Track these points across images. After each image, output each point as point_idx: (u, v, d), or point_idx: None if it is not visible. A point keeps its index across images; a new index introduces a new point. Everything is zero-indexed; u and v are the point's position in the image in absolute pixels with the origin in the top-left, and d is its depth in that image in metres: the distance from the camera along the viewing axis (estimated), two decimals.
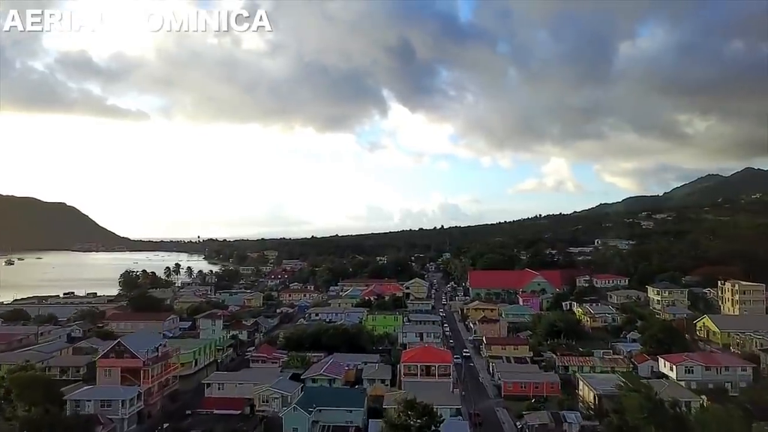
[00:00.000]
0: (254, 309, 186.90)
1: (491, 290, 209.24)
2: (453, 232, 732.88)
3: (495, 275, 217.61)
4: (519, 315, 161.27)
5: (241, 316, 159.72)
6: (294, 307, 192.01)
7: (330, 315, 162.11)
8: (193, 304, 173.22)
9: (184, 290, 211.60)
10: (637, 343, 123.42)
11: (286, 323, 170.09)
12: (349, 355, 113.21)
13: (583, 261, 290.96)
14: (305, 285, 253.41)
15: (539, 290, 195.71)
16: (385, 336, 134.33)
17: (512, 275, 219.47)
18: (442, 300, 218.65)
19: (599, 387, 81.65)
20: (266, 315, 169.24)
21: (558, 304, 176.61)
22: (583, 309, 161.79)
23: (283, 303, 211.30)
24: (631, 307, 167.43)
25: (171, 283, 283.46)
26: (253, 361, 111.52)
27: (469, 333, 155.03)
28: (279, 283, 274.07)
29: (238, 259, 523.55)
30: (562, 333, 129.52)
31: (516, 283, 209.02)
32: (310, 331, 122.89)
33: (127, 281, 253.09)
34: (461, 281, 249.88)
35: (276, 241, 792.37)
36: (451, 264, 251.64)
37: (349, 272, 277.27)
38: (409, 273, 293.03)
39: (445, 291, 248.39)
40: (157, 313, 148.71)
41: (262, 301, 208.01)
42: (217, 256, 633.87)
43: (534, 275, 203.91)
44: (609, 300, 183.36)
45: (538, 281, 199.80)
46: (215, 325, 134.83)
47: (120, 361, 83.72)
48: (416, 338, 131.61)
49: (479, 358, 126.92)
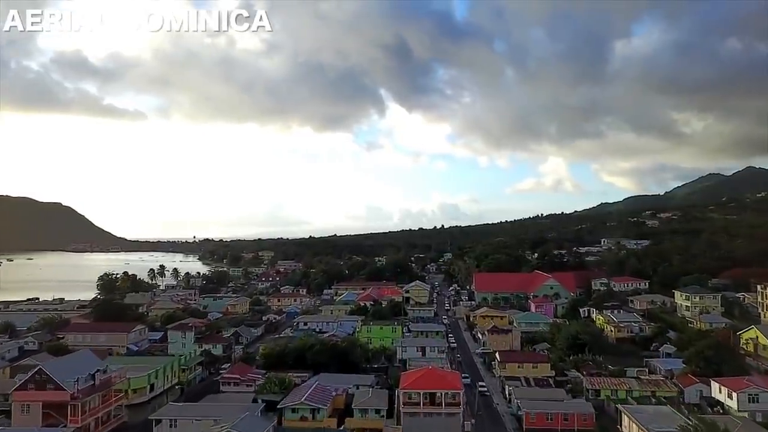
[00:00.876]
0: (238, 316, 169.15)
1: (498, 294, 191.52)
2: (453, 231, 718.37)
3: (502, 278, 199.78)
4: (533, 323, 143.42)
5: (219, 326, 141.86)
6: (282, 314, 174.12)
7: (320, 324, 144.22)
8: (168, 312, 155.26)
9: (163, 295, 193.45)
10: (675, 359, 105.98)
11: (272, 333, 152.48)
12: (338, 375, 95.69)
13: (593, 262, 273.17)
14: (297, 288, 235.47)
15: (552, 295, 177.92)
16: (382, 350, 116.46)
17: (521, 278, 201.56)
18: (445, 305, 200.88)
19: (654, 427, 63.52)
20: (249, 323, 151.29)
21: (574, 310, 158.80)
22: (604, 317, 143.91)
23: (271, 309, 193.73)
24: (657, 314, 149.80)
25: (154, 286, 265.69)
26: (223, 383, 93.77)
27: (477, 344, 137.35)
28: (270, 286, 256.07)
29: (232, 260, 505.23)
30: (586, 347, 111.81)
31: (525, 286, 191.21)
32: (293, 345, 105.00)
33: (105, 284, 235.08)
34: (465, 284, 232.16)
35: (273, 241, 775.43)
36: (455, 266, 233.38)
37: (344, 274, 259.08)
38: (409, 275, 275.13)
39: (448, 294, 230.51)
40: (123, 323, 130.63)
41: (248, 307, 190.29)
42: (211, 256, 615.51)
43: (546, 278, 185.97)
44: (630, 306, 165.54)
45: (550, 284, 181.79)
46: (185, 337, 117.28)
47: (41, 394, 66.08)
48: (417, 353, 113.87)
49: (490, 375, 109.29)
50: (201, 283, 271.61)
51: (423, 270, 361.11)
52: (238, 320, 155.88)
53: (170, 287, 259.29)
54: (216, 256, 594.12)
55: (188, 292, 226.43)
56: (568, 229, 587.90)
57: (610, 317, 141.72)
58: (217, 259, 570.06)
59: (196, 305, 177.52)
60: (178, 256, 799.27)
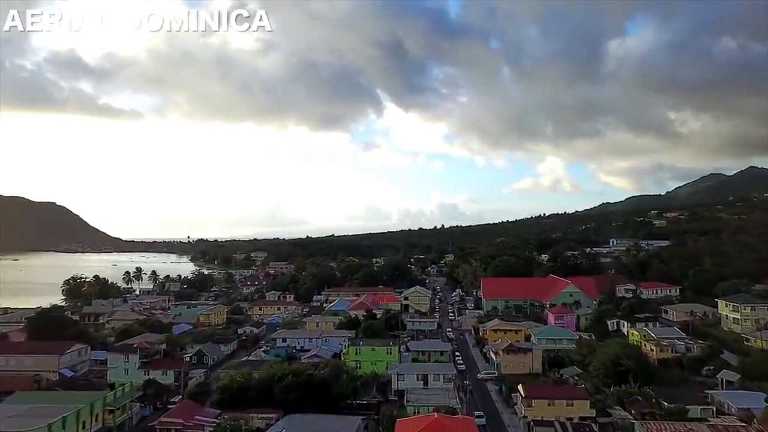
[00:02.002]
0: (210, 328, 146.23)
1: (509, 302, 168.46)
2: (454, 231, 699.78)
3: (513, 283, 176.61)
4: (555, 340, 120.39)
5: (181, 343, 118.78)
6: (261, 326, 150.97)
7: (301, 341, 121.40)
8: (125, 325, 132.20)
9: (128, 302, 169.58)
10: (747, 392, 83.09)
11: (249, 349, 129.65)
12: (313, 417, 72.89)
13: (610, 264, 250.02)
14: (284, 294, 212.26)
15: (572, 303, 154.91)
16: (374, 378, 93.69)
17: (534, 283, 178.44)
18: (449, 314, 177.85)
19: None
20: (219, 338, 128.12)
21: (600, 323, 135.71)
22: (639, 332, 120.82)
23: (251, 318, 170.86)
24: (701, 328, 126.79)
25: (128, 291, 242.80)
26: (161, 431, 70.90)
27: (489, 365, 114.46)
28: (255, 290, 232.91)
29: (223, 261, 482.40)
30: (629, 373, 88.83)
31: (540, 293, 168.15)
32: (259, 375, 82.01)
33: (71, 289, 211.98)
34: (471, 289, 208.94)
35: (268, 241, 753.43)
36: (459, 269, 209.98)
37: (337, 278, 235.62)
38: (408, 278, 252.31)
39: (452, 301, 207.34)
40: (60, 341, 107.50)
41: (225, 317, 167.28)
42: (202, 257, 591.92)
43: (564, 284, 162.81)
44: (665, 317, 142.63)
45: (569, 291, 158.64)
46: (128, 362, 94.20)
47: None
48: (418, 382, 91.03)
49: (510, 412, 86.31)
50: (181, 288, 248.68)
51: (423, 272, 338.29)
52: (206, 335, 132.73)
53: (145, 292, 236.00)
54: (207, 257, 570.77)
55: (161, 298, 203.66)
56: (573, 230, 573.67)
57: (647, 332, 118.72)
58: (208, 260, 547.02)
59: (162, 316, 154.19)
60: (171, 257, 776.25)
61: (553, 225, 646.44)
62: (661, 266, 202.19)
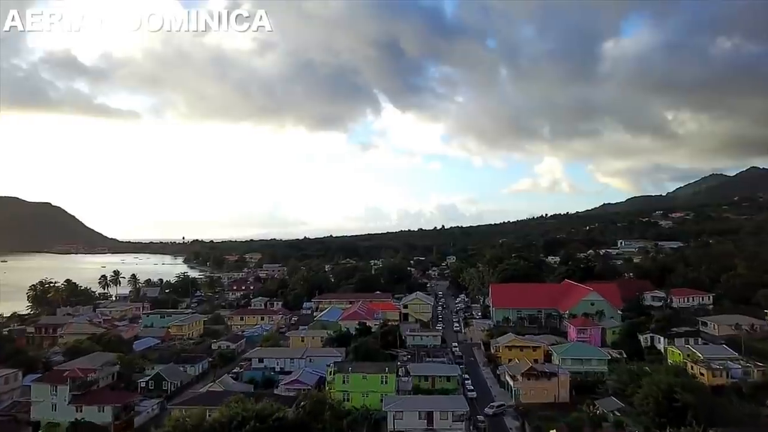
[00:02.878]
0: (180, 343, 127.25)
1: (522, 311, 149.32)
2: (455, 232, 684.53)
3: (525, 290, 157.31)
4: (582, 360, 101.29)
5: (138, 364, 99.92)
6: (240, 340, 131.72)
7: (281, 361, 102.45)
8: (78, 341, 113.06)
9: (81, 315, 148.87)
10: None
11: (221, 370, 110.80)
12: None
13: (626, 267, 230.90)
14: (271, 300, 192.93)
15: (595, 313, 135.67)
16: (365, 414, 74.72)
17: (550, 290, 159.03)
18: (454, 324, 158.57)
19: None
20: (186, 357, 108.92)
21: (631, 337, 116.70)
22: (681, 350, 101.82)
23: (231, 330, 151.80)
24: (753, 345, 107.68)
25: (105, 297, 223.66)
26: None
27: (505, 390, 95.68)
28: (241, 296, 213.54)
29: (215, 263, 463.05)
30: (689, 411, 69.86)
31: (557, 301, 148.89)
32: (212, 422, 62.80)
33: (37, 295, 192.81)
34: (477, 294, 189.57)
35: (265, 242, 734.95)
36: (465, 274, 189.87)
37: (330, 283, 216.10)
38: (408, 282, 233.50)
39: (456, 308, 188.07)
40: None
41: (201, 328, 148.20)
42: (195, 258, 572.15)
43: (584, 291, 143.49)
44: (704, 331, 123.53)
45: (591, 299, 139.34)
46: (56, 394, 75.24)
47: None
48: (420, 421, 72.33)
49: None
50: (162, 293, 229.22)
51: (424, 275, 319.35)
52: (173, 352, 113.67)
53: (123, 298, 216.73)
54: (200, 258, 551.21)
55: (136, 305, 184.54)
56: (578, 230, 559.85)
57: (692, 351, 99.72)
58: (201, 262, 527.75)
59: (125, 328, 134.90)
60: (166, 259, 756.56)
61: (555, 225, 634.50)
62: (687, 270, 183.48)
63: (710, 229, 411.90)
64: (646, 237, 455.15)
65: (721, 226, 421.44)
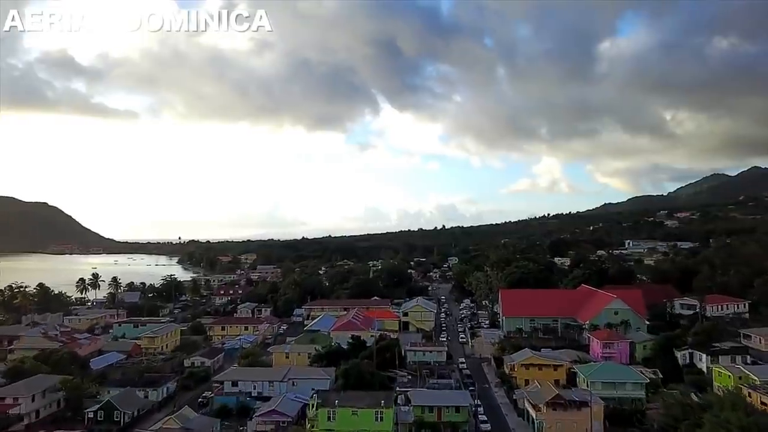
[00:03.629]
0: (149, 359, 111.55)
1: (536, 320, 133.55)
2: (455, 232, 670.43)
3: (539, 296, 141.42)
4: (615, 383, 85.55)
5: (85, 389, 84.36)
6: (217, 354, 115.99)
7: (258, 384, 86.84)
8: (24, 358, 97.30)
9: (35, 327, 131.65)
10: None
11: (192, 391, 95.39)
12: None
13: (641, 269, 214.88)
14: (259, 306, 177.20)
15: (619, 324, 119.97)
16: None
17: (566, 297, 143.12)
18: (459, 334, 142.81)
19: None
20: (149, 379, 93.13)
21: (667, 353, 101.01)
22: (731, 371, 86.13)
23: (212, 341, 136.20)
24: None
25: (82, 302, 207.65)
26: None
27: (525, 421, 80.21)
28: (229, 301, 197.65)
29: (208, 264, 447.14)
30: None
31: (574, 309, 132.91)
32: None
33: (5, 301, 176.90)
34: (485, 299, 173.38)
35: (262, 243, 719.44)
36: (472, 278, 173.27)
37: (324, 287, 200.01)
38: (408, 286, 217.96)
39: (461, 315, 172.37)
40: None
41: (177, 340, 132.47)
42: (190, 259, 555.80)
43: (607, 298, 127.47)
44: (745, 342, 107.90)
45: (615, 308, 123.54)
46: None
47: None
48: None
49: None
50: (144, 297, 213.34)
51: (424, 277, 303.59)
52: (137, 371, 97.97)
53: (99, 303, 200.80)
54: (194, 259, 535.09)
55: (109, 313, 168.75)
56: (582, 230, 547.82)
57: (745, 373, 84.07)
58: (195, 263, 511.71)
59: (86, 341, 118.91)
60: (161, 259, 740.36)
61: (557, 226, 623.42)
62: (713, 273, 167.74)
63: (721, 229, 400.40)
64: (654, 237, 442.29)
65: (733, 225, 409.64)
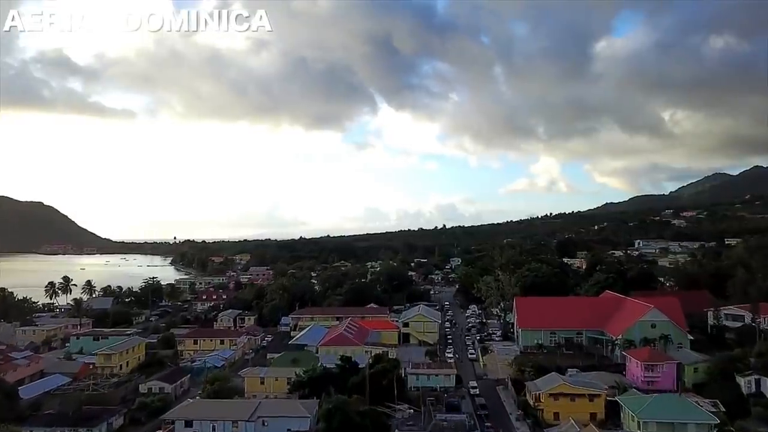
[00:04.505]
0: (95, 384, 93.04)
1: (557, 333, 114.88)
2: (456, 232, 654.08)
3: (560, 305, 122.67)
4: (674, 421, 67.12)
5: None
6: (181, 377, 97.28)
7: (219, 426, 68.25)
8: None
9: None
10: None
11: (141, 427, 77.02)
12: None
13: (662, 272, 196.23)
14: (243, 314, 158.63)
15: (659, 338, 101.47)
16: None
17: (591, 305, 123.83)
18: (468, 349, 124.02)
19: None
20: (88, 413, 74.57)
21: (726, 378, 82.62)
22: None
23: (182, 357, 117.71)
24: None
25: (50, 308, 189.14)
26: None
27: None
28: (211, 308, 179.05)
29: (200, 265, 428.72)
30: None
31: (602, 319, 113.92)
32: None
33: None
34: (496, 306, 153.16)
35: (259, 242, 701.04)
36: (482, 283, 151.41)
37: (316, 292, 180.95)
38: (409, 289, 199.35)
39: (468, 324, 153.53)
40: None
41: (142, 356, 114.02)
42: (182, 260, 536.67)
43: (642, 308, 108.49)
44: None
45: (651, 320, 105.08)
46: None
47: None
48: None
49: None
50: (124, 302, 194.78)
51: (426, 279, 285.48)
52: (74, 402, 79.35)
53: (68, 310, 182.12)
54: (186, 260, 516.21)
55: (72, 322, 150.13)
56: (587, 230, 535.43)
57: None
58: (187, 264, 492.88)
59: (24, 361, 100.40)
60: (156, 260, 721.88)
61: (561, 225, 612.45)
62: (750, 277, 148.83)
63: (735, 228, 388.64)
64: (664, 237, 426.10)
65: (747, 225, 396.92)
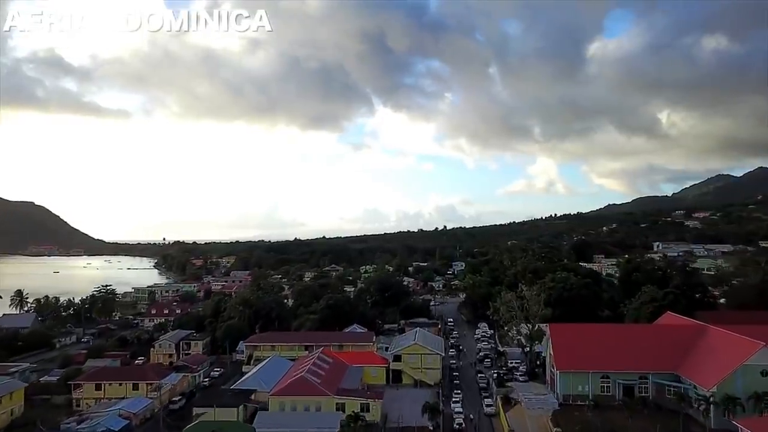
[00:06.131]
0: None
1: (610, 377, 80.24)
2: (457, 233, 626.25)
3: (610, 336, 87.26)
4: None
5: None
6: None
7: None
8: None
9: None
10: None
11: None
12: None
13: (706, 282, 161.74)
14: (193, 336, 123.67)
15: None
16: None
17: (654, 336, 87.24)
18: (482, 395, 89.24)
19: None
20: None
21: None
22: None
23: (78, 409, 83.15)
24: None
25: None
26: None
27: None
28: (156, 326, 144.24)
29: (180, 268, 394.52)
30: None
31: (673, 358, 79.35)
32: None
33: None
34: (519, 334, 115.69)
35: (252, 244, 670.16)
36: (500, 304, 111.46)
37: (286, 308, 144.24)
38: (404, 303, 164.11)
39: (478, 353, 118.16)
40: None
41: (21, 406, 79.51)
42: (164, 262, 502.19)
43: (745, 345, 72.14)
44: None
45: (761, 363, 70.22)
46: None
47: None
48: None
49: None
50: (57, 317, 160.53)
51: (424, 287, 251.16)
52: None
53: None
54: (167, 263, 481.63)
55: None
56: (597, 231, 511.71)
57: None
58: (167, 268, 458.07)
59: None
60: (144, 262, 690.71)
61: (566, 226, 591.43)
62: None
63: (765, 230, 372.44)
64: (685, 239, 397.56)
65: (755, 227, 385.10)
